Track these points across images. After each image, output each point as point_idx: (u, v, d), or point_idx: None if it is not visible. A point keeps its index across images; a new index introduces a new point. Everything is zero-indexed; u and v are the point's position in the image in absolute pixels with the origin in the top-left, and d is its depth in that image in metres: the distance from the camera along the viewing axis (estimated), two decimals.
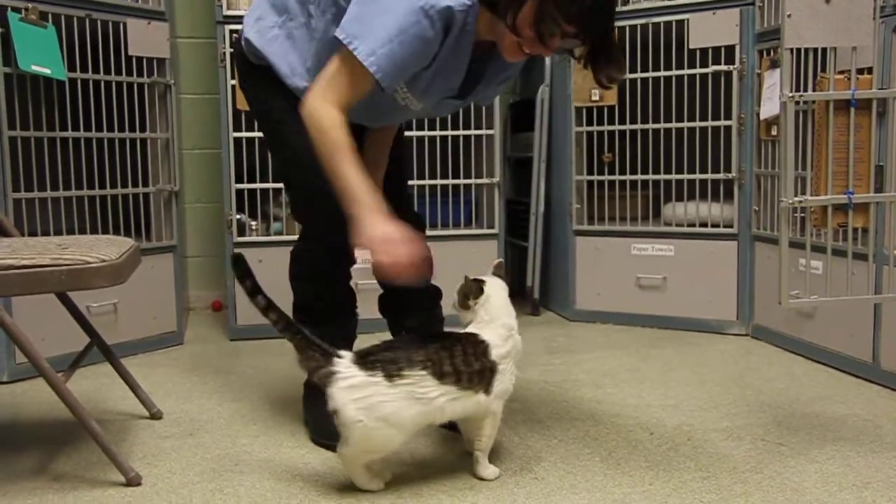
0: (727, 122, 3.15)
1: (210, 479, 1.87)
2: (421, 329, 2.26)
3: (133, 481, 1.83)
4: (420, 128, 3.35)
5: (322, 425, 2.07)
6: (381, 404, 1.66)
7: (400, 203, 2.12)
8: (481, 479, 1.84)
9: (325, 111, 1.79)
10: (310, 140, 1.83)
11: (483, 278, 1.90)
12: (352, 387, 1.67)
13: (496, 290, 1.89)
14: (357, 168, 1.79)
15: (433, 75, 1.89)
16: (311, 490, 1.80)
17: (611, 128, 3.37)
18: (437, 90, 1.96)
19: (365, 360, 1.70)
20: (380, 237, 1.73)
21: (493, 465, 1.86)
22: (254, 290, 1.80)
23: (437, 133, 3.38)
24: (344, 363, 1.70)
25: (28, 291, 1.79)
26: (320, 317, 2.12)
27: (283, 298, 3.12)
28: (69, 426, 2.19)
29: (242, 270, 1.82)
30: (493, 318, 1.85)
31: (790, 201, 1.89)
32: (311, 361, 1.73)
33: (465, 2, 1.77)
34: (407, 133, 3.30)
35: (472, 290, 1.87)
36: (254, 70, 2.06)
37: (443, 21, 1.76)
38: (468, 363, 1.75)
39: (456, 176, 3.51)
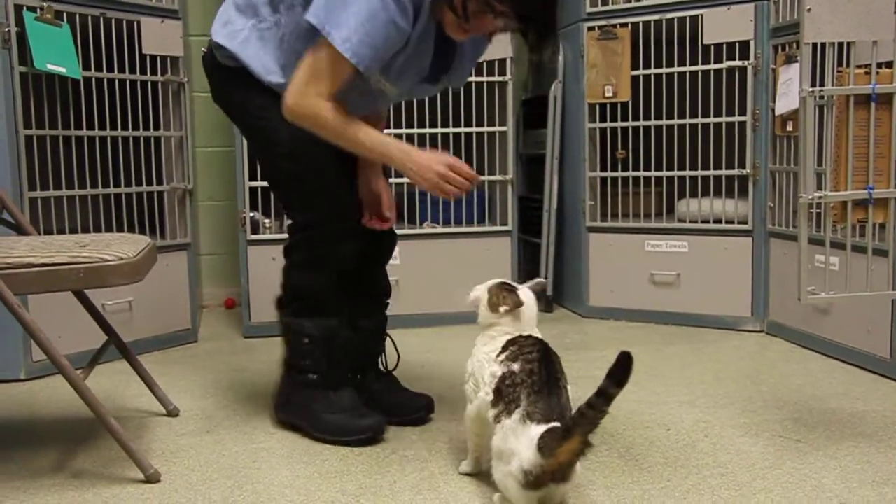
0: (741, 118, 3.13)
1: (228, 475, 1.87)
2: (376, 329, 2.26)
3: (152, 478, 1.83)
4: (433, 125, 3.35)
5: (322, 422, 2.06)
6: None
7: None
8: None
9: (314, 104, 1.87)
10: (296, 131, 1.94)
11: (518, 288, 1.83)
12: None
13: (530, 303, 1.82)
14: (369, 128, 1.93)
15: (406, 59, 1.93)
16: (329, 487, 1.80)
17: (624, 124, 3.36)
18: (410, 73, 1.99)
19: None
20: (436, 173, 1.89)
21: None
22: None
23: (451, 130, 3.38)
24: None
25: (47, 289, 1.79)
26: (323, 307, 2.09)
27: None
28: (87, 423, 2.20)
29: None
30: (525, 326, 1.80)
31: (809, 197, 1.88)
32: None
33: None
34: (419, 130, 3.32)
35: (503, 300, 1.79)
36: (228, 73, 2.05)
37: (412, 4, 1.82)
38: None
39: None
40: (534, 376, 1.64)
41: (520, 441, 1.57)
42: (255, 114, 2.05)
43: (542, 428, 1.55)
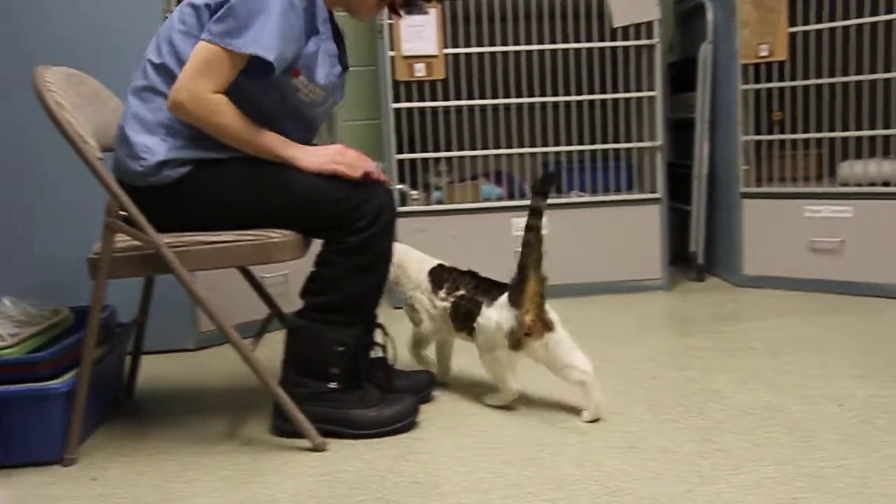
0: None
1: (392, 445, 1.90)
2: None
3: (319, 447, 1.88)
4: (579, 91, 3.29)
5: (360, 420, 1.97)
6: None
7: None
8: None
9: (211, 96, 1.81)
10: (286, 168, 1.90)
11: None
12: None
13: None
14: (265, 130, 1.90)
15: (319, 49, 1.94)
16: (492, 458, 1.81)
17: (780, 84, 3.21)
18: (327, 66, 1.97)
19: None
20: (330, 155, 1.91)
21: None
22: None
23: (597, 97, 3.31)
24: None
25: (217, 265, 1.86)
26: (364, 314, 2.01)
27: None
28: (254, 391, 2.29)
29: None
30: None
31: None
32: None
33: None
34: (565, 98, 3.27)
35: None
36: (185, 182, 1.89)
37: None
38: None
39: (616, 140, 3.44)
40: (479, 284, 2.10)
41: (494, 315, 1.99)
42: (241, 184, 1.91)
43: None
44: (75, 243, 2.53)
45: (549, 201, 3.31)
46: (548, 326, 1.98)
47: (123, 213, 1.82)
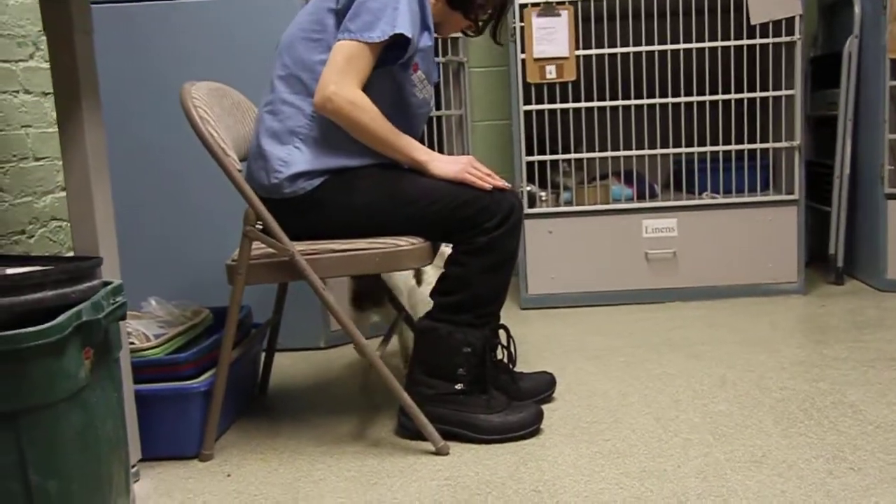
0: None
1: (512, 451, 1.93)
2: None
3: (442, 451, 1.93)
4: (714, 91, 3.21)
5: (486, 425, 1.99)
6: None
7: None
8: None
9: (356, 91, 1.90)
10: (407, 173, 2.00)
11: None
12: None
13: None
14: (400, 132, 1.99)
15: (432, 46, 2.05)
16: (612, 468, 1.81)
17: None
18: (432, 64, 2.10)
19: None
20: (463, 164, 1.97)
21: None
22: None
23: (732, 96, 3.22)
24: None
25: (347, 273, 1.93)
26: (492, 316, 2.05)
27: (574, 269, 3.14)
28: (381, 391, 2.36)
29: None
30: None
31: None
32: None
33: None
34: (699, 98, 3.20)
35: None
36: (318, 192, 1.97)
37: None
38: None
39: (751, 139, 3.34)
40: None
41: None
42: (374, 192, 1.98)
43: None
44: (214, 247, 2.68)
45: (682, 203, 3.28)
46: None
47: (260, 222, 1.91)
